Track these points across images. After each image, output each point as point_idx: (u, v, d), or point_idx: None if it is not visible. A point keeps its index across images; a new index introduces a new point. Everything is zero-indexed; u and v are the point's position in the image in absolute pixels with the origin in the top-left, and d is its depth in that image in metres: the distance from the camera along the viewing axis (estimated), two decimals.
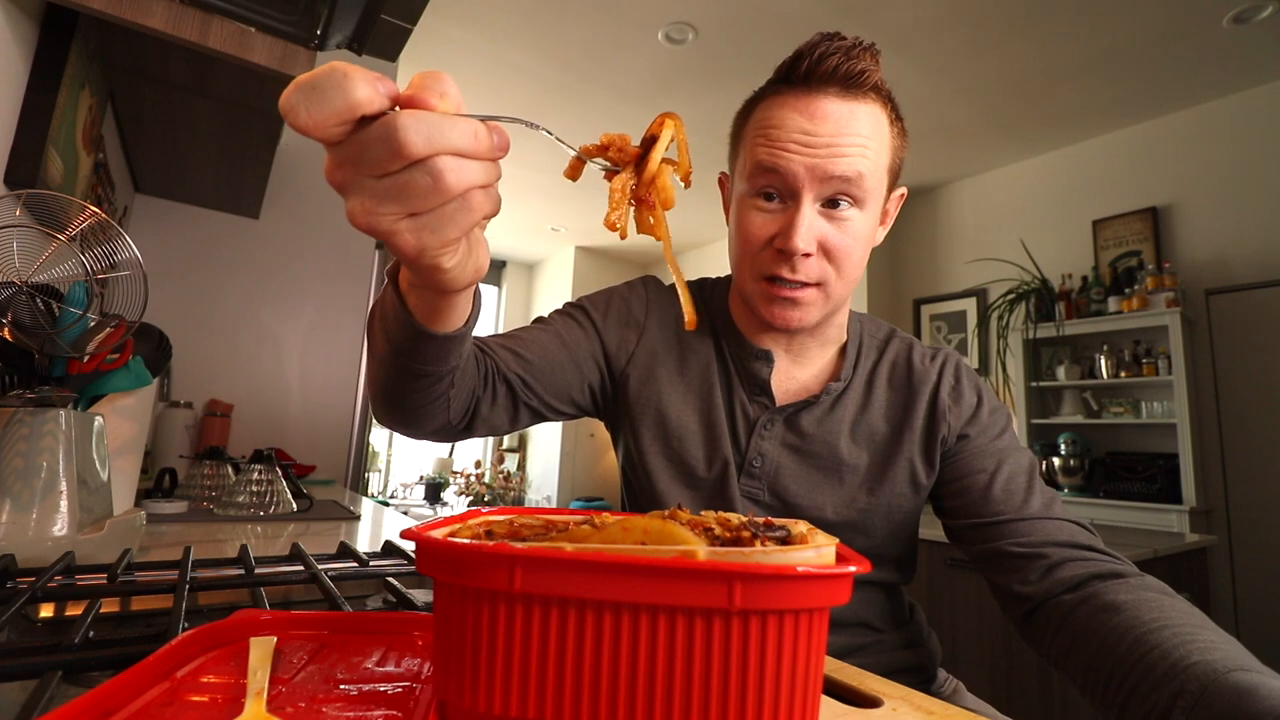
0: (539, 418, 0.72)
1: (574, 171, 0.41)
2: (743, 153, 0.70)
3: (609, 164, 0.41)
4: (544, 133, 0.37)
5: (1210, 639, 0.48)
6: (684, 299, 0.45)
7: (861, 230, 0.67)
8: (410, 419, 0.60)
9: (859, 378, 0.75)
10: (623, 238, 0.42)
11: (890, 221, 0.74)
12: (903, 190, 0.75)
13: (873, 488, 0.71)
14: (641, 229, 0.42)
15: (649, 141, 0.41)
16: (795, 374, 0.76)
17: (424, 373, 0.53)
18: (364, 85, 0.29)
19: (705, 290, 0.85)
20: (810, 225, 0.65)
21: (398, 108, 0.30)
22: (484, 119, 0.33)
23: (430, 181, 0.31)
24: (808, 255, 0.65)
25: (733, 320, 0.77)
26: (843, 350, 0.78)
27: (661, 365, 0.76)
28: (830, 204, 0.65)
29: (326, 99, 0.29)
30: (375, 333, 0.55)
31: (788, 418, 0.73)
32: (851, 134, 0.64)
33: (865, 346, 0.78)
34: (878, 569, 0.73)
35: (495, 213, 0.35)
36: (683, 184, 0.43)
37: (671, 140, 0.41)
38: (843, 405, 0.74)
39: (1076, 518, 0.66)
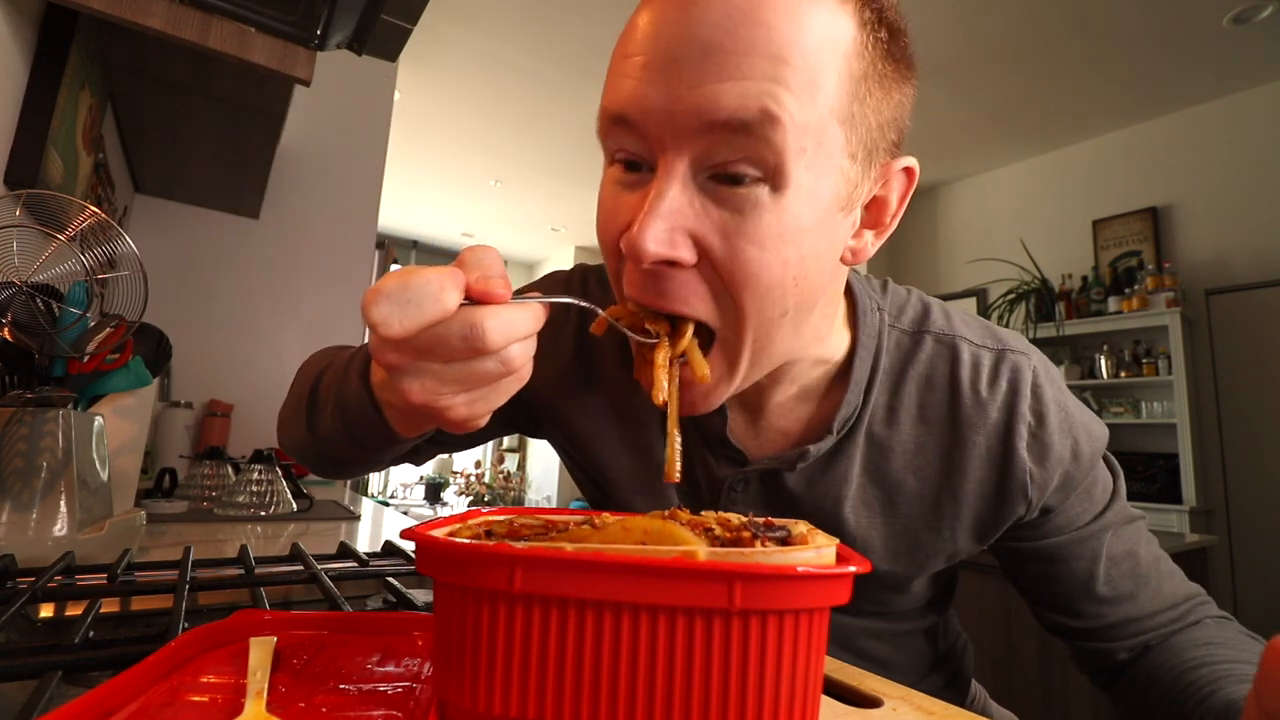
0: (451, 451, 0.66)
1: (600, 328, 0.42)
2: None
3: (639, 334, 0.41)
4: (583, 306, 0.40)
5: (1246, 672, 0.46)
6: (671, 450, 0.40)
7: (778, 226, 0.36)
8: (340, 476, 0.58)
9: (873, 406, 0.50)
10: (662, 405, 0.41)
11: (893, 220, 0.44)
12: (907, 163, 0.43)
13: (893, 571, 0.52)
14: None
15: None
16: (770, 417, 0.52)
17: (379, 458, 0.52)
18: (454, 292, 0.29)
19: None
20: (671, 208, 0.35)
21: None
22: (543, 301, 0.35)
23: (501, 368, 0.32)
24: (671, 265, 0.37)
25: None
26: (844, 366, 0.50)
27: (570, 399, 0.55)
28: (722, 175, 0.36)
29: (423, 311, 0.29)
30: (323, 415, 0.51)
31: (763, 474, 0.51)
32: (756, 27, 0.33)
33: (884, 352, 0.51)
34: (907, 621, 0.59)
35: None
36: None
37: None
38: (844, 455, 0.50)
39: (1178, 578, 0.56)
